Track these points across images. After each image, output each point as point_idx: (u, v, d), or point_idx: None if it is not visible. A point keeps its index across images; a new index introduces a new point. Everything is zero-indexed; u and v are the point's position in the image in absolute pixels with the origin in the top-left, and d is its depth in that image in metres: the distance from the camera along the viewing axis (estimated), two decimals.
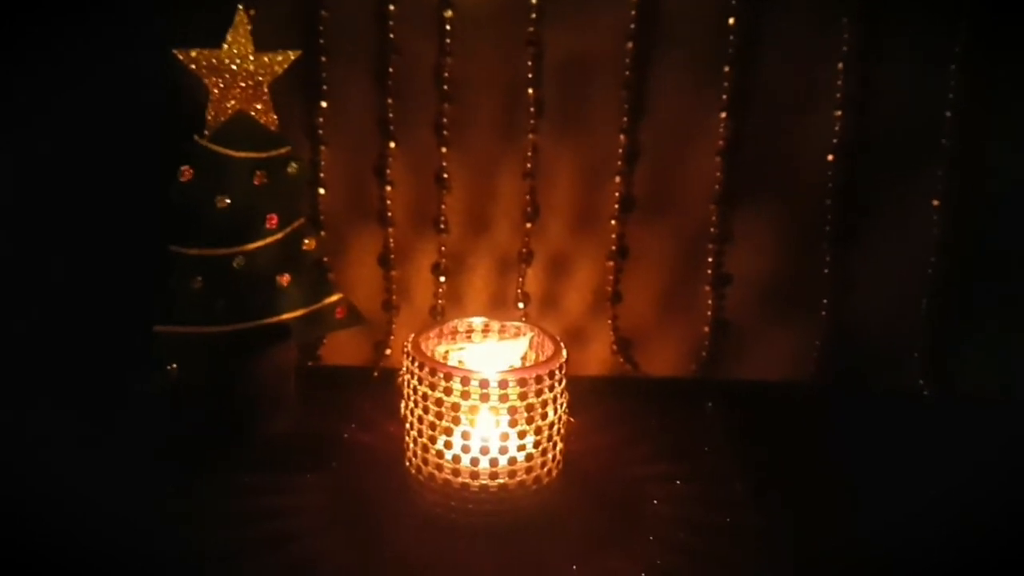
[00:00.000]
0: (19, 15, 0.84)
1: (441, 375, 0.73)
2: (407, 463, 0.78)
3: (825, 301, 1.02)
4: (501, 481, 0.73)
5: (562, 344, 0.77)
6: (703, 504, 0.80)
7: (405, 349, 0.76)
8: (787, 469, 0.85)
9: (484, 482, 0.73)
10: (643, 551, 0.73)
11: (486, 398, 0.72)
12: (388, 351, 1.03)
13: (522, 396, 0.73)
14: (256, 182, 0.85)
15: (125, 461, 0.79)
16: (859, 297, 1.02)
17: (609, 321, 1.04)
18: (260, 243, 0.86)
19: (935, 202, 0.98)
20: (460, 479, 0.73)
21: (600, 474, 0.83)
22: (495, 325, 0.82)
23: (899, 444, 0.90)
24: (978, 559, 0.73)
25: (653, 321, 1.04)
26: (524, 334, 0.82)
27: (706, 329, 1.04)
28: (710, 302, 1.03)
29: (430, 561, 0.71)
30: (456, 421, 0.73)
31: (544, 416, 0.74)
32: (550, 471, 0.76)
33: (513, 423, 0.73)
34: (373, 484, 0.81)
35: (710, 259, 1.02)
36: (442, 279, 1.02)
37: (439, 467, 0.74)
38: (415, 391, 0.75)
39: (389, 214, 1.01)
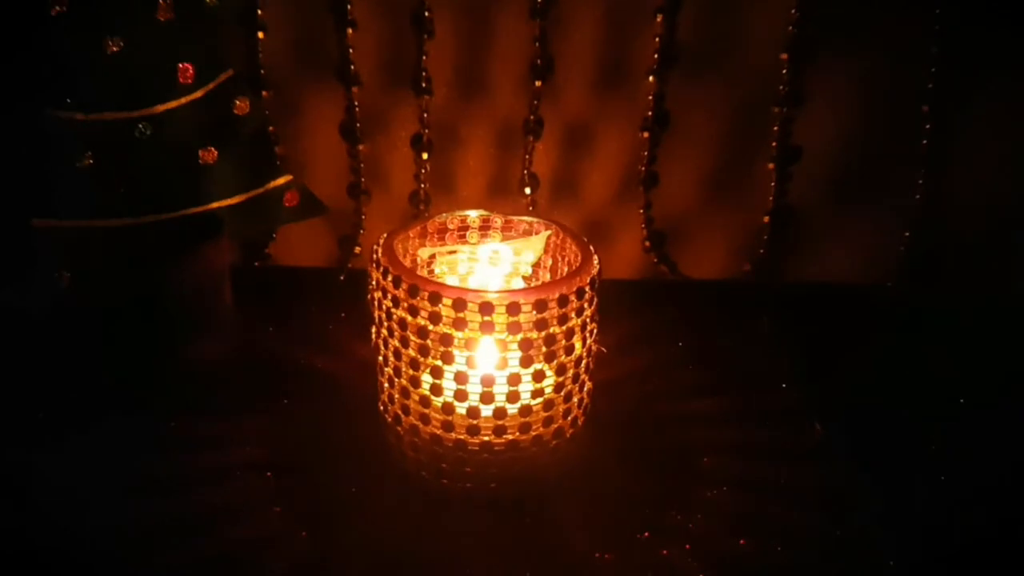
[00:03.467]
0: None
1: (425, 294, 0.60)
2: (381, 408, 0.68)
3: (920, 182, 0.93)
4: (510, 437, 0.63)
5: (592, 248, 0.66)
6: (770, 458, 0.70)
7: (374, 255, 0.64)
8: (869, 396, 0.78)
9: (487, 438, 0.63)
10: (697, 531, 0.64)
11: (490, 327, 0.60)
12: (357, 249, 0.95)
13: (540, 324, 0.60)
14: (160, 16, 0.74)
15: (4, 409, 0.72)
16: (961, 176, 0.92)
17: (641, 210, 0.96)
18: (171, 104, 0.76)
19: None
20: (454, 435, 0.63)
21: (634, 418, 0.74)
22: (498, 220, 0.72)
23: (1007, 361, 0.82)
24: None
25: (697, 209, 0.97)
26: (537, 232, 0.71)
27: (765, 219, 0.96)
28: (771, 184, 0.94)
29: (413, 547, 0.62)
30: (448, 358, 0.61)
31: (570, 350, 0.62)
32: (575, 420, 0.66)
33: (527, 360, 0.61)
34: (339, 433, 0.71)
35: (774, 127, 0.92)
36: (425, 156, 0.93)
37: (424, 418, 0.63)
38: (389, 315, 0.63)
39: (353, 67, 0.91)
